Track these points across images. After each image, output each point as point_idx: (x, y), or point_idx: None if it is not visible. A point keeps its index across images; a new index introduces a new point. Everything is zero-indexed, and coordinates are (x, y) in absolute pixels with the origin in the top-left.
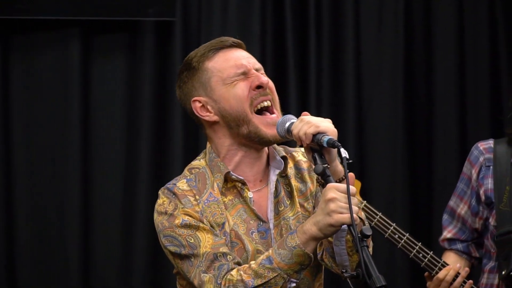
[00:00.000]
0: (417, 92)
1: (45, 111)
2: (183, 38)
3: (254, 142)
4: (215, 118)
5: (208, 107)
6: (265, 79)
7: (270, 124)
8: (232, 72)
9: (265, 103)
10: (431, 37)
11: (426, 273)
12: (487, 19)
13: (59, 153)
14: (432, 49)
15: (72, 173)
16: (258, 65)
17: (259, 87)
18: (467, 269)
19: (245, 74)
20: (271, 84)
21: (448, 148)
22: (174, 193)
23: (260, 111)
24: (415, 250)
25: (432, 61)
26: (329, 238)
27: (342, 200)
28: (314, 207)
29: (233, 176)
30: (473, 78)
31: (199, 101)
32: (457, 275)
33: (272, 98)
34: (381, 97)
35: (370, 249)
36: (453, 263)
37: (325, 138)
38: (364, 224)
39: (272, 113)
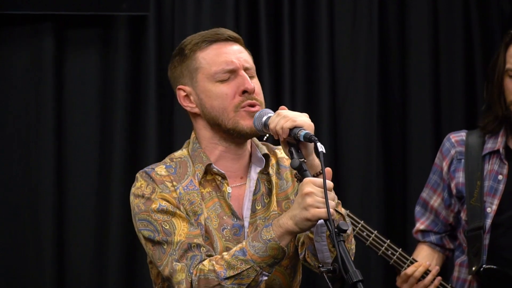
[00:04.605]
0: (392, 86)
1: (18, 106)
2: (156, 32)
3: (233, 137)
4: (196, 110)
5: (191, 98)
6: (251, 85)
7: (249, 115)
8: (220, 68)
9: (253, 109)
10: (405, 30)
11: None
12: (462, 13)
13: (33, 147)
14: (406, 43)
15: (45, 167)
16: (249, 64)
17: (244, 91)
18: (437, 267)
19: (233, 72)
20: (257, 88)
21: (422, 141)
22: (152, 178)
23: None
24: (383, 248)
25: (406, 54)
26: (310, 235)
27: (319, 194)
28: None
29: (214, 169)
30: (447, 71)
31: (184, 90)
32: (427, 272)
33: (260, 101)
34: (356, 92)
35: (353, 247)
36: (426, 256)
37: (302, 133)
38: (344, 219)
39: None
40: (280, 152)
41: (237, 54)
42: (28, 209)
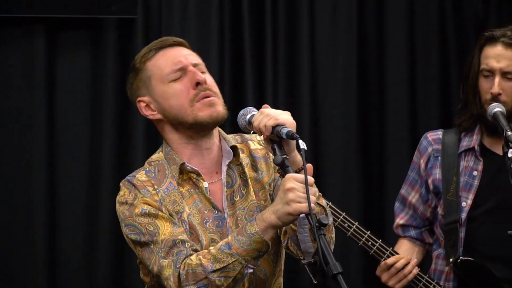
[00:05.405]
0: (370, 84)
1: (11, 106)
2: (144, 34)
3: (198, 130)
4: (158, 116)
5: (151, 106)
6: (202, 76)
7: (205, 106)
8: (169, 69)
9: (208, 99)
10: (383, 31)
11: None
12: (437, 15)
13: (25, 146)
14: (383, 44)
15: (37, 166)
16: (197, 61)
17: (197, 84)
18: (416, 259)
19: (182, 70)
20: (209, 80)
21: (399, 139)
22: (134, 184)
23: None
24: (364, 238)
25: (383, 56)
26: (293, 226)
27: (300, 190)
28: (272, 196)
29: (188, 167)
30: (423, 71)
31: (143, 101)
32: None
33: (214, 92)
34: (335, 90)
35: (333, 235)
36: (407, 250)
37: (284, 130)
38: (325, 211)
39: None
40: (253, 143)
41: (184, 54)
42: (21, 207)
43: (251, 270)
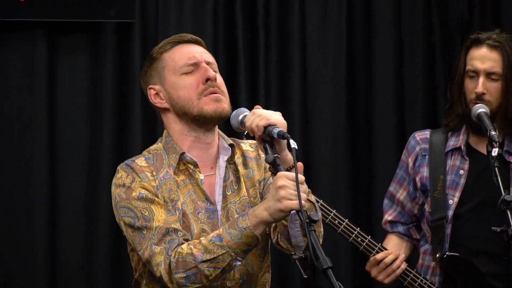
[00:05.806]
0: (359, 85)
1: (12, 108)
2: (141, 38)
3: (201, 123)
4: (166, 105)
5: (161, 94)
6: (212, 73)
7: (211, 100)
8: (183, 62)
9: (214, 95)
10: (371, 30)
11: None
12: (423, 17)
13: (25, 148)
14: (372, 44)
15: (38, 166)
16: (211, 59)
17: (207, 80)
18: (404, 254)
19: (195, 66)
20: (219, 79)
21: (387, 138)
22: (132, 168)
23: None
24: (353, 235)
25: (372, 55)
26: (284, 222)
27: (291, 187)
28: (261, 193)
29: (187, 157)
30: (410, 71)
31: (154, 89)
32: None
33: (222, 91)
34: (325, 90)
35: (322, 229)
36: (395, 246)
37: (276, 130)
38: (314, 207)
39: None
40: (245, 145)
41: (199, 52)
42: (21, 207)
43: (239, 263)
